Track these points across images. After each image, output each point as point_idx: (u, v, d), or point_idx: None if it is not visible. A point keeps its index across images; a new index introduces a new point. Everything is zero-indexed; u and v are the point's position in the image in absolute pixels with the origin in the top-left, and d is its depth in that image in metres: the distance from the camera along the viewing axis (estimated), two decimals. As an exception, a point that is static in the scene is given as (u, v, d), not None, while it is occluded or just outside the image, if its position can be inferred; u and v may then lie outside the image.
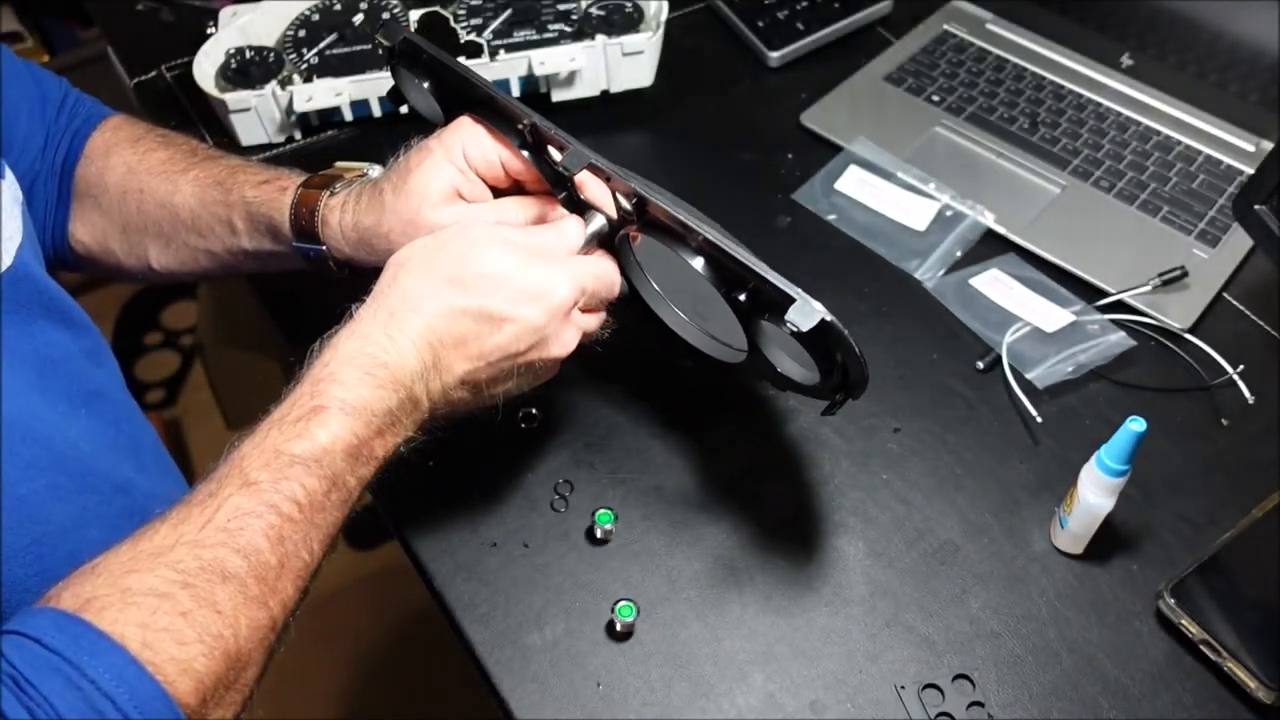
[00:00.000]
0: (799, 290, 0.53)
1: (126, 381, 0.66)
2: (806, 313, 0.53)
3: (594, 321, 0.61)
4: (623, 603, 0.62)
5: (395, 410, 0.53)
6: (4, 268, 0.57)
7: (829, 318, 0.53)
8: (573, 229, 0.60)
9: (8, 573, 0.51)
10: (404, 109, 0.71)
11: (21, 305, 0.58)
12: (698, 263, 0.57)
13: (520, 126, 0.60)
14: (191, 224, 0.69)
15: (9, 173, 0.61)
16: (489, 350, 0.55)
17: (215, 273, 0.73)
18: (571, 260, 0.58)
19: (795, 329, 0.53)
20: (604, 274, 0.60)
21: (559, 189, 0.61)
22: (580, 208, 0.61)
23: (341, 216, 0.65)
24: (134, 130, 0.73)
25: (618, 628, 0.62)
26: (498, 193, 0.65)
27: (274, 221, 0.67)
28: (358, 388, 0.53)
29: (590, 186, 0.61)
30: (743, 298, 0.56)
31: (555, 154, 0.59)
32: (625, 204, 0.59)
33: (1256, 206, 0.73)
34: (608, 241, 0.62)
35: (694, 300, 0.65)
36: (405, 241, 0.61)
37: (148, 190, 0.70)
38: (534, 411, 0.72)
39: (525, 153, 0.61)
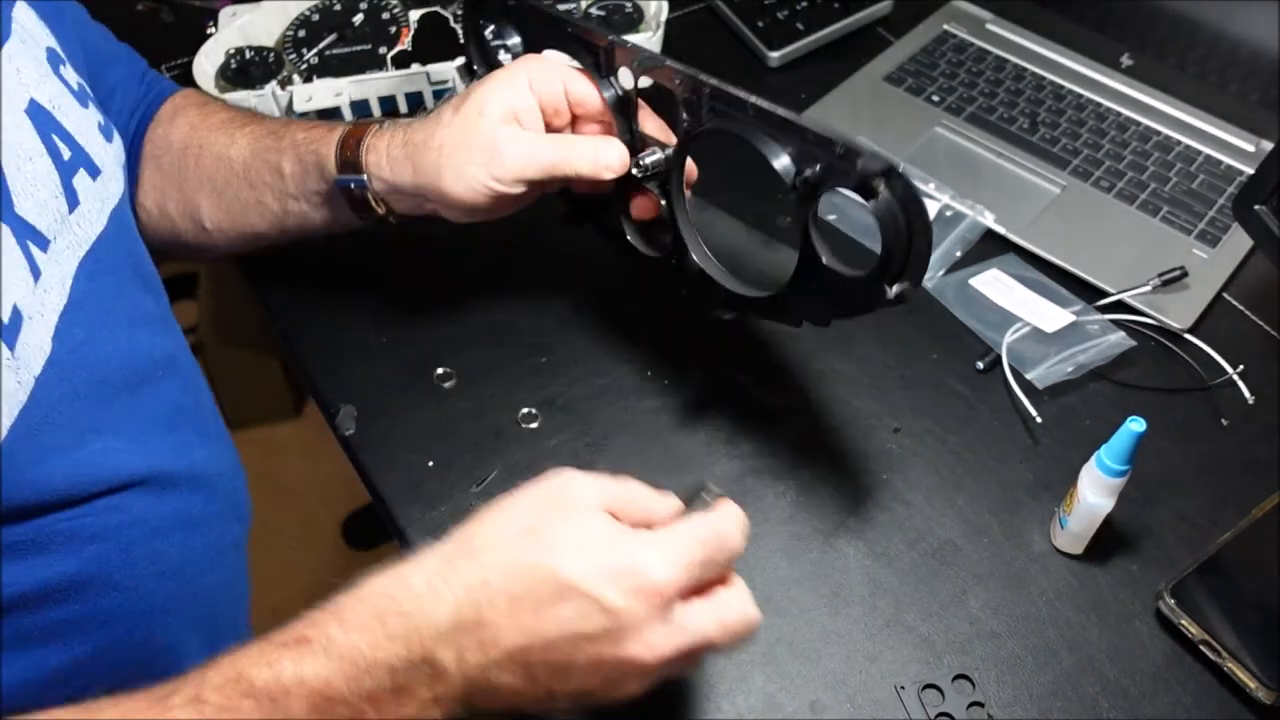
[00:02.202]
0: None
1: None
2: (879, 158, 0.52)
3: (710, 621, 0.47)
4: (623, 603, 0.62)
5: (402, 671, 0.44)
6: (100, 230, 0.58)
7: (901, 165, 0.52)
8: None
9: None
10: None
11: (118, 267, 0.59)
12: (767, 146, 0.57)
13: (600, 44, 0.63)
14: (244, 174, 0.70)
15: (116, 136, 0.62)
16: (548, 625, 0.44)
17: (263, 233, 0.72)
18: (679, 528, 0.47)
19: (870, 169, 0.52)
20: (719, 532, 0.48)
21: (622, 119, 0.64)
22: (639, 144, 0.64)
23: (390, 141, 0.65)
24: (202, 97, 0.76)
25: (618, 628, 0.62)
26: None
27: (320, 156, 0.67)
28: (358, 631, 0.44)
29: (650, 122, 0.64)
30: (815, 169, 0.55)
31: (625, 79, 0.63)
32: (685, 117, 0.61)
33: (1256, 206, 0.73)
34: (663, 180, 0.64)
35: (740, 243, 0.66)
36: (456, 157, 0.62)
37: (206, 145, 0.71)
38: (534, 411, 0.72)
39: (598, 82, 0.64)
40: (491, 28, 0.71)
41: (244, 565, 0.68)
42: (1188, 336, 0.78)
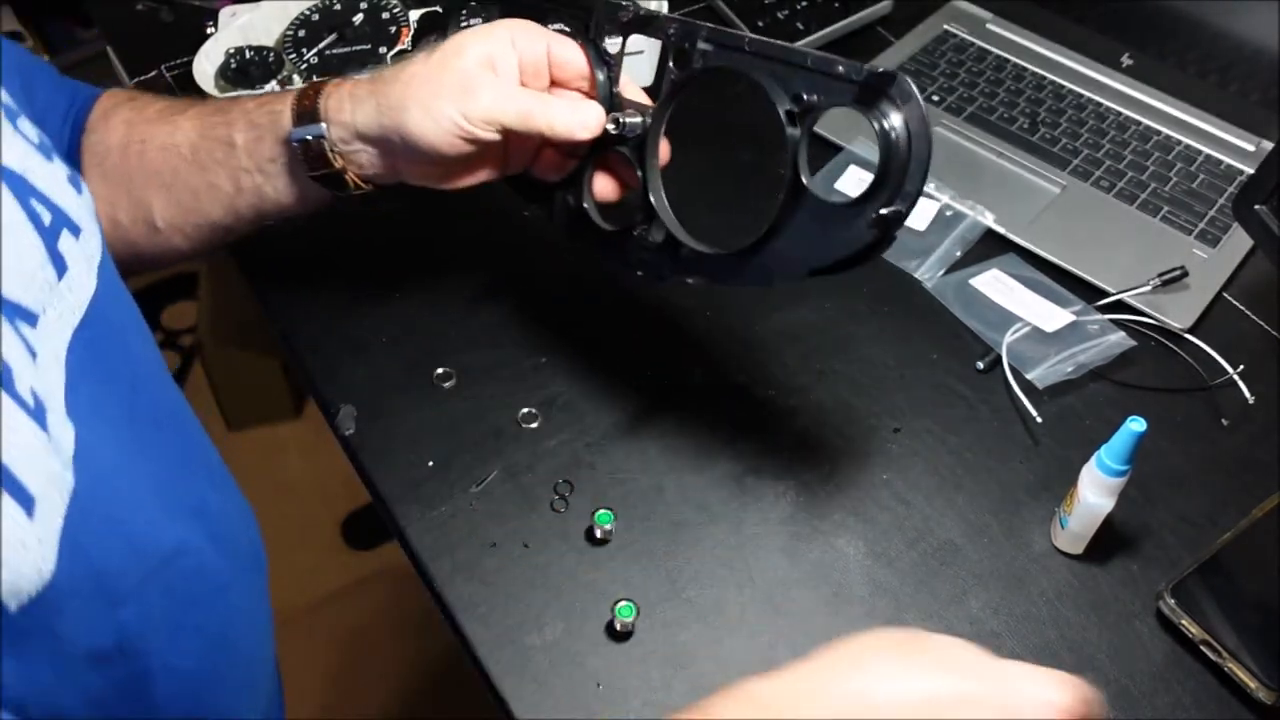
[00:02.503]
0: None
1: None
2: (879, 70, 0.52)
3: None
4: (623, 603, 0.62)
5: None
6: (93, 291, 0.54)
7: (903, 76, 0.52)
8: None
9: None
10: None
11: (116, 324, 0.56)
12: (765, 77, 0.56)
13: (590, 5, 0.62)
14: (192, 157, 0.66)
15: (84, 186, 0.58)
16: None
17: (218, 221, 0.68)
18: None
19: (875, 72, 0.52)
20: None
21: (604, 87, 0.63)
22: (619, 107, 0.63)
23: (355, 85, 0.63)
24: (131, 93, 0.72)
25: (618, 628, 0.62)
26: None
27: (274, 115, 0.64)
28: None
29: (628, 88, 0.63)
30: (815, 95, 0.55)
31: (612, 44, 0.62)
32: (674, 61, 0.60)
33: (1256, 206, 0.73)
34: (636, 147, 0.63)
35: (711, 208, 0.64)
36: (425, 90, 0.60)
37: (148, 138, 0.67)
38: (534, 411, 0.72)
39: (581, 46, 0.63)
40: (479, 20, 0.69)
41: (269, 612, 0.65)
42: (1188, 336, 0.78)
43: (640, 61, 0.90)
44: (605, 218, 0.66)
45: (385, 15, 0.93)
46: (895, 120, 0.52)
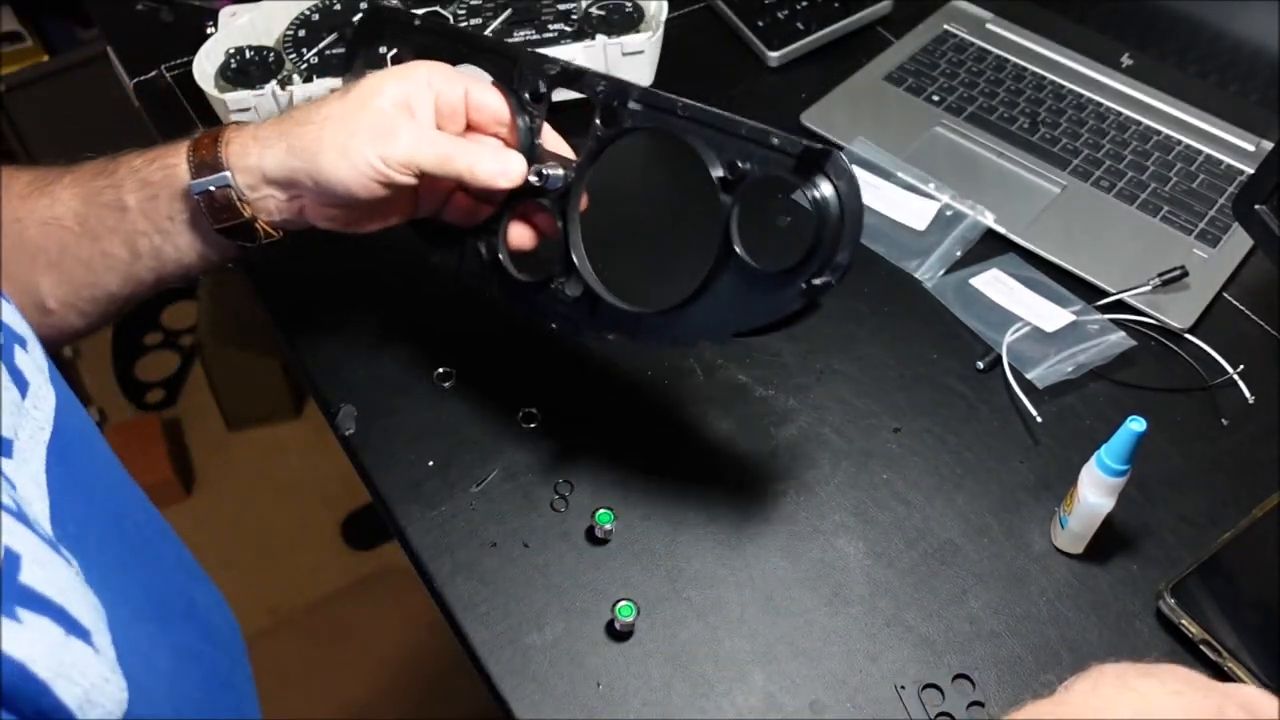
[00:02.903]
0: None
1: (126, 382, 0.65)
2: (816, 146, 0.52)
3: None
4: (623, 603, 0.62)
5: None
6: (54, 401, 0.51)
7: (838, 153, 0.52)
8: None
9: None
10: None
11: (77, 431, 0.52)
12: (698, 142, 0.56)
13: (515, 56, 0.61)
14: (80, 228, 0.62)
15: (7, 296, 0.53)
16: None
17: (116, 293, 0.64)
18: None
19: (811, 147, 0.53)
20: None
21: (525, 136, 0.62)
22: (541, 159, 0.62)
23: (258, 128, 0.60)
24: None
25: (618, 628, 0.62)
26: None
27: (168, 170, 0.60)
28: None
29: (550, 139, 0.62)
30: (749, 163, 0.55)
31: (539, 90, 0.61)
32: (602, 115, 0.59)
33: (1256, 206, 0.73)
34: (557, 199, 0.62)
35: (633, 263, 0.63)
36: (341, 132, 0.57)
37: (24, 215, 0.62)
38: (534, 411, 0.72)
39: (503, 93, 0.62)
40: (394, 52, 0.65)
41: (255, 692, 0.62)
42: (1188, 336, 0.78)
43: (640, 61, 0.90)
44: (519, 268, 0.64)
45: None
46: (828, 193, 0.53)
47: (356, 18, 0.67)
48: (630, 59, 0.90)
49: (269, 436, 1.80)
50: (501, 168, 0.59)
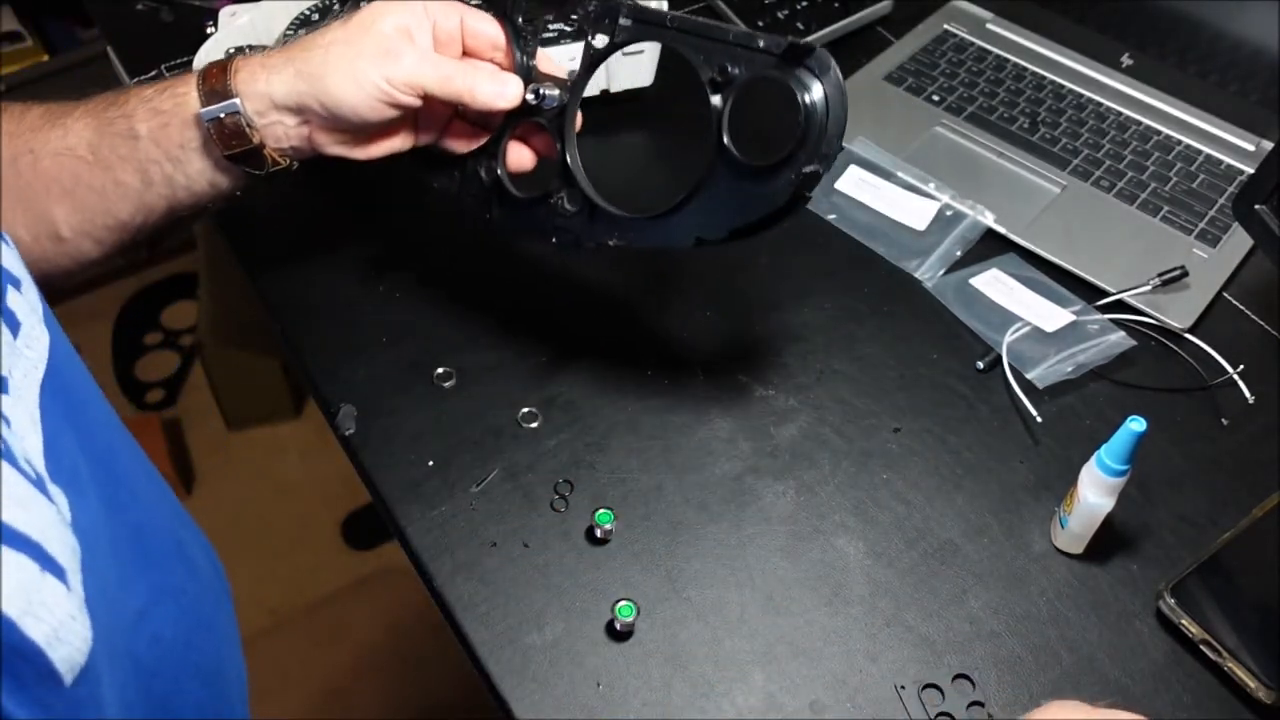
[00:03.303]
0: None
1: (126, 381, 0.65)
2: (801, 43, 0.56)
3: None
4: (623, 603, 0.62)
5: None
6: (48, 343, 0.52)
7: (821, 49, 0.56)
8: None
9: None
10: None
11: (70, 372, 0.53)
12: (688, 49, 0.60)
13: None
14: (93, 157, 0.63)
15: (7, 237, 0.55)
16: None
17: (127, 221, 0.66)
18: None
19: (795, 43, 0.56)
20: None
21: (520, 54, 0.65)
22: (536, 80, 0.65)
23: (266, 55, 0.62)
24: None
25: (618, 628, 0.62)
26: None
27: (178, 99, 0.62)
28: None
29: (545, 63, 0.65)
30: (739, 67, 0.58)
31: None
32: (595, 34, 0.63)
33: (1256, 206, 0.73)
34: (552, 118, 0.65)
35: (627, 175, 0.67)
36: (347, 54, 0.60)
37: (38, 146, 0.64)
38: (534, 411, 0.72)
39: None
40: None
41: (238, 632, 0.64)
42: (1188, 336, 0.78)
43: (641, 61, 0.90)
44: (519, 187, 0.67)
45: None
46: (814, 88, 0.57)
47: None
48: (630, 59, 0.90)
49: (269, 436, 1.80)
50: (499, 89, 0.62)
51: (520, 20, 0.65)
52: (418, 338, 0.76)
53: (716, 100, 0.60)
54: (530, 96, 0.64)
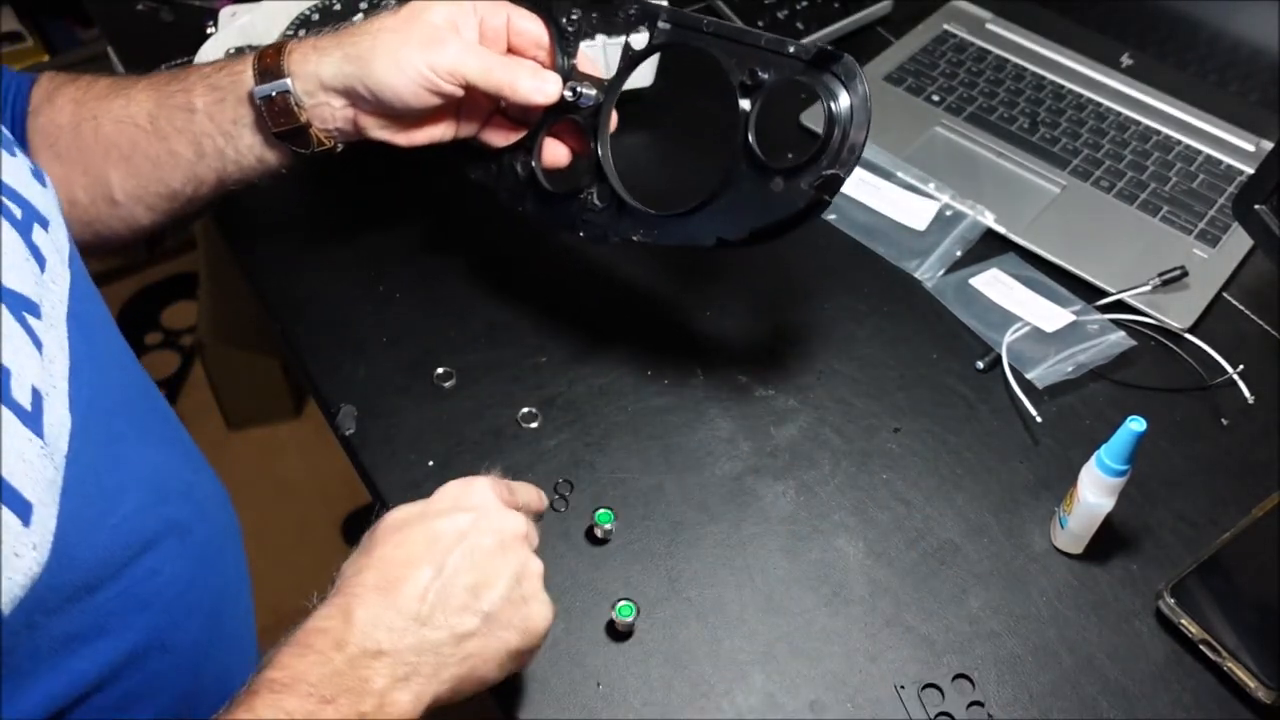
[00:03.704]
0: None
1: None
2: (830, 50, 0.59)
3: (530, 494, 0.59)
4: (623, 603, 0.62)
5: (346, 671, 0.47)
6: (69, 282, 0.55)
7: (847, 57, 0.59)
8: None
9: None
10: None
11: (91, 313, 0.56)
12: (722, 53, 0.62)
13: None
14: (151, 127, 0.67)
15: (47, 179, 0.59)
16: (434, 549, 0.51)
17: (178, 191, 0.69)
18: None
19: (823, 50, 0.59)
20: (529, 492, 0.59)
21: (562, 60, 0.67)
22: (575, 79, 0.67)
23: (318, 39, 0.66)
24: (68, 75, 0.72)
25: (618, 628, 0.62)
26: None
27: (235, 76, 0.66)
28: (291, 664, 0.47)
29: (585, 63, 0.67)
30: (769, 71, 0.61)
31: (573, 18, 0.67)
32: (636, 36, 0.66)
33: (1256, 206, 0.73)
34: (588, 116, 0.67)
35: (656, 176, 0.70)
36: (394, 41, 0.62)
37: (101, 113, 0.67)
38: (534, 411, 0.72)
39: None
40: None
41: (249, 581, 0.67)
42: (1188, 336, 0.78)
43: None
44: (551, 183, 0.69)
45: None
46: (840, 95, 0.59)
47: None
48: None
49: (269, 436, 1.80)
50: (539, 84, 0.64)
51: (564, 21, 0.67)
52: (418, 338, 0.76)
53: (745, 104, 0.61)
54: (568, 94, 0.66)
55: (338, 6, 0.93)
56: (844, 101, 0.59)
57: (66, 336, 0.52)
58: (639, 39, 0.66)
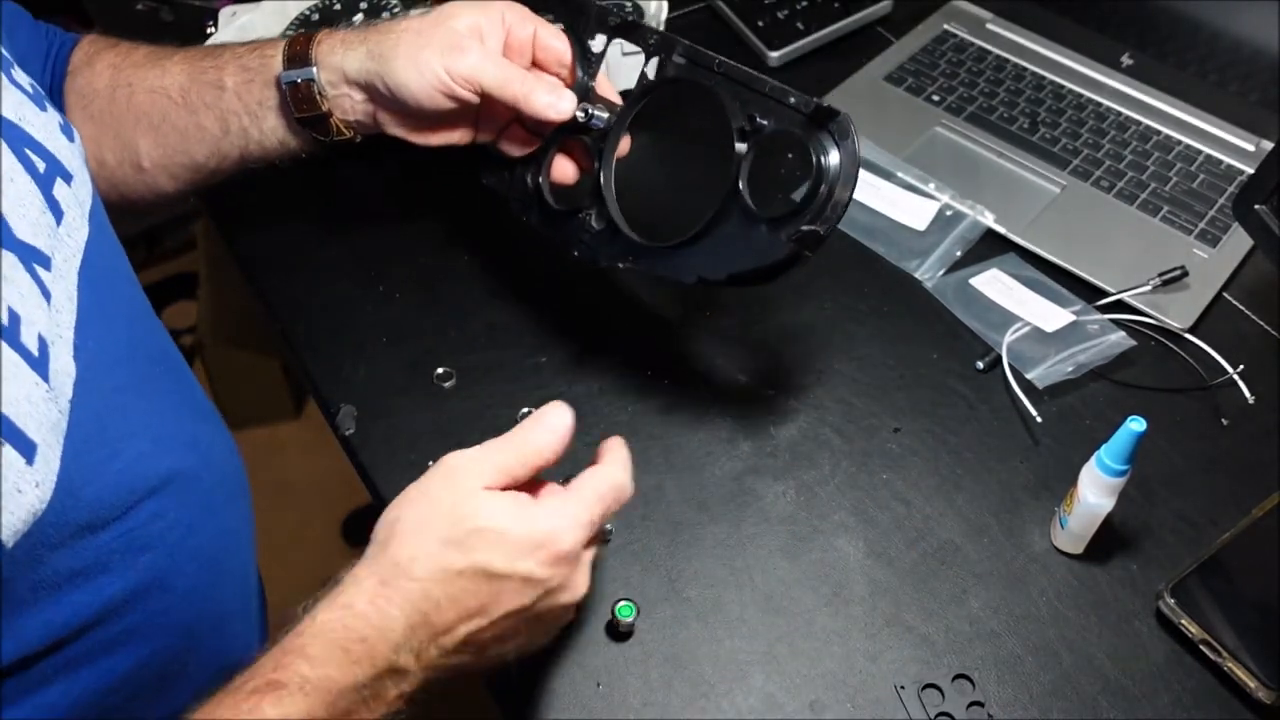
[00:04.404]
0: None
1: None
2: (828, 107, 0.59)
3: (592, 548, 0.55)
4: (623, 603, 0.62)
5: (370, 684, 0.48)
6: (87, 235, 0.57)
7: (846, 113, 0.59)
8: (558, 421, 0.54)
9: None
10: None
11: (108, 268, 0.58)
12: (726, 95, 0.62)
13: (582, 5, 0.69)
14: (182, 100, 0.69)
15: (76, 134, 0.60)
16: (492, 610, 0.50)
17: (202, 163, 0.71)
18: (575, 492, 0.53)
19: (822, 106, 0.59)
20: (612, 485, 0.54)
21: (581, 79, 0.68)
22: (591, 100, 0.68)
23: (346, 33, 0.67)
24: (110, 39, 0.74)
25: (618, 628, 0.62)
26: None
27: (265, 59, 0.68)
28: (325, 665, 0.47)
29: (603, 86, 0.69)
30: (769, 119, 0.61)
31: (597, 43, 0.69)
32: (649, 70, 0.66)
33: (1256, 206, 0.73)
34: (597, 139, 0.67)
35: (653, 205, 0.69)
36: (415, 43, 0.64)
37: (136, 81, 0.70)
38: (534, 411, 0.72)
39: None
40: None
41: (253, 536, 0.68)
42: (1188, 336, 0.78)
43: (639, 61, 0.90)
44: (555, 199, 0.70)
45: (385, 15, 0.93)
46: (831, 151, 0.59)
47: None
48: (630, 59, 0.90)
49: (269, 436, 1.80)
50: (553, 100, 0.65)
51: (588, 42, 0.68)
52: (418, 338, 0.76)
53: (741, 147, 0.62)
54: (580, 114, 0.66)
55: (338, 6, 0.93)
56: (834, 158, 0.59)
57: (76, 288, 0.53)
58: (654, 68, 0.66)
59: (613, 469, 0.55)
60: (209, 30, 0.91)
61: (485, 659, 0.53)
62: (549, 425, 0.54)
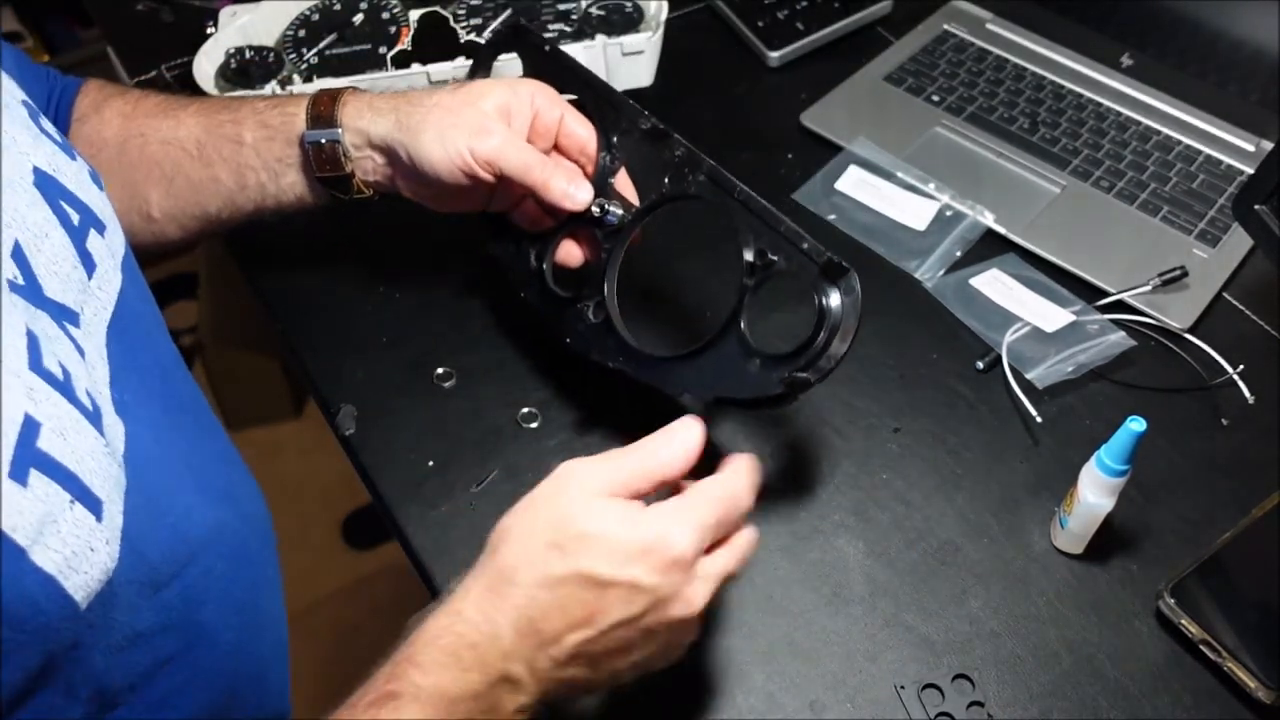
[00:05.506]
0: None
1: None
2: (839, 263, 0.58)
3: (730, 561, 0.52)
4: (623, 603, 0.62)
5: (486, 694, 0.48)
6: (119, 286, 0.56)
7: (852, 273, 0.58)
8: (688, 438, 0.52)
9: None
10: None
11: (140, 316, 0.58)
12: (741, 225, 0.61)
13: (613, 103, 0.67)
14: (197, 153, 0.69)
15: (102, 181, 0.59)
16: (600, 619, 0.49)
17: (214, 215, 0.71)
18: (694, 495, 0.51)
19: (833, 260, 0.58)
20: (728, 492, 0.52)
21: (604, 165, 0.68)
22: (608, 195, 0.67)
23: (374, 98, 0.67)
24: (116, 86, 0.73)
25: (618, 628, 0.62)
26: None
27: (287, 116, 0.68)
28: (438, 672, 0.48)
29: (622, 182, 0.67)
30: (779, 257, 0.60)
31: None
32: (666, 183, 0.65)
33: (1256, 206, 0.73)
34: (609, 233, 0.67)
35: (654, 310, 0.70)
36: (445, 120, 0.64)
37: (149, 132, 0.69)
38: (534, 411, 0.72)
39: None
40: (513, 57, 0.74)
41: (278, 567, 0.68)
42: (1188, 336, 0.78)
43: (640, 61, 0.90)
44: (557, 282, 0.69)
45: (385, 15, 0.93)
46: (834, 303, 0.58)
47: (495, 25, 0.88)
48: (630, 59, 0.90)
49: (269, 436, 1.80)
50: (571, 191, 0.65)
51: (613, 137, 0.67)
52: (418, 338, 0.76)
53: (748, 281, 0.61)
54: (595, 209, 0.66)
55: (337, 7, 0.94)
56: (836, 312, 0.58)
57: (105, 344, 0.52)
58: (675, 183, 0.65)
59: (731, 477, 0.53)
60: (209, 30, 0.91)
61: (600, 674, 0.51)
62: (679, 440, 0.52)
